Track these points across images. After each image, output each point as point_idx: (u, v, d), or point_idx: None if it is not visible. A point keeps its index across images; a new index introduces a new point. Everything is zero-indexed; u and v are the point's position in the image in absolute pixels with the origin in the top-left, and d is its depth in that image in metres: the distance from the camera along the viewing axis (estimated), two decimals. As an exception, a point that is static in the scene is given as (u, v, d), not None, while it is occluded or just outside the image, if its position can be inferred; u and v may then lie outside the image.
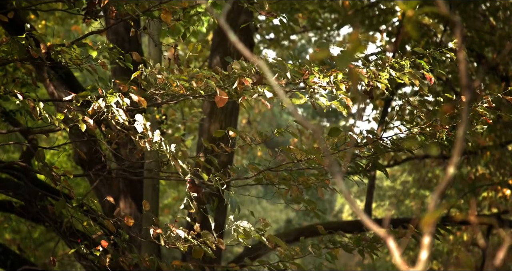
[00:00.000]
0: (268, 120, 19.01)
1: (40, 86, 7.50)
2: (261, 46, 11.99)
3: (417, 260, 1.36)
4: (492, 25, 9.68)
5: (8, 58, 4.17)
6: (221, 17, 7.06)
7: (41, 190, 5.31)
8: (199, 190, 4.00)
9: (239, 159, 13.98)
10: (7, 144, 4.64)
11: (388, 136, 4.44)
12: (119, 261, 4.35)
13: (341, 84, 4.11)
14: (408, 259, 11.41)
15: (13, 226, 10.50)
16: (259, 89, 4.08)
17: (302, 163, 4.43)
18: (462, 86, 1.33)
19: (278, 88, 1.41)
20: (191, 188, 3.99)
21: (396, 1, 9.61)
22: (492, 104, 4.23)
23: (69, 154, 9.87)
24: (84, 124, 3.86)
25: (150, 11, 4.27)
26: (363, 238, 4.50)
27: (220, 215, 7.84)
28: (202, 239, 4.05)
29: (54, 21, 10.78)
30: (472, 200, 10.90)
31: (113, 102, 3.85)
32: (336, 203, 23.32)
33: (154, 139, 3.82)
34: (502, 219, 9.84)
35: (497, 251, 1.41)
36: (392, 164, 11.46)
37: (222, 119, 8.30)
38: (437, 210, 1.32)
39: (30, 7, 5.03)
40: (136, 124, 3.82)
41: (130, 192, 7.38)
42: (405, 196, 15.55)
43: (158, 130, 3.88)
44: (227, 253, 17.94)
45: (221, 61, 8.23)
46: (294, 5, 10.14)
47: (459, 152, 1.35)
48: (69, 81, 6.90)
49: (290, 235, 9.42)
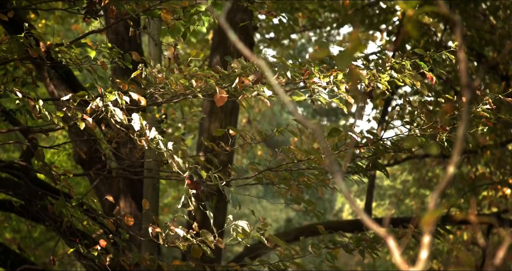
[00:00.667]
0: (268, 119, 19.01)
1: (40, 86, 7.51)
2: (261, 46, 11.99)
3: (417, 259, 1.36)
4: (492, 24, 9.67)
5: (8, 58, 4.17)
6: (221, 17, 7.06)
7: (41, 189, 5.31)
8: (198, 186, 3.99)
9: (239, 158, 13.98)
10: (7, 143, 4.64)
11: (388, 137, 4.44)
12: (120, 260, 4.35)
13: (341, 84, 4.11)
14: (408, 258, 11.41)
15: (13, 225, 10.50)
16: (259, 88, 4.08)
17: (302, 163, 4.43)
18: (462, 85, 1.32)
19: (277, 87, 1.41)
20: (190, 185, 3.98)
21: (396, 0, 9.61)
22: (493, 106, 4.22)
23: (69, 153, 9.88)
24: (83, 122, 3.86)
25: (150, 11, 4.27)
26: (363, 238, 4.50)
27: (219, 214, 7.84)
28: (200, 238, 4.05)
29: (54, 21, 10.78)
30: (472, 199, 10.90)
31: (110, 101, 3.85)
32: (336, 202, 23.32)
33: (151, 136, 3.81)
34: (502, 218, 9.84)
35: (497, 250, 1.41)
36: (392, 163, 11.46)
37: (222, 119, 8.30)
38: (437, 209, 1.32)
39: (30, 6, 5.02)
40: (133, 123, 3.82)
41: (130, 191, 7.38)
42: (405, 195, 15.55)
43: (154, 128, 3.88)
44: (227, 253, 17.94)
45: (221, 60, 8.23)
46: (294, 4, 10.14)
47: (459, 151, 1.35)
48: (69, 81, 6.90)
49: (290, 235, 9.43)
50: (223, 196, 4.22)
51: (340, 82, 4.11)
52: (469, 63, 9.85)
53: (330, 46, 5.33)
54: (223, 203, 8.03)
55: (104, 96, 3.87)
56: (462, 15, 9.30)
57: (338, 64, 3.90)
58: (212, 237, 4.06)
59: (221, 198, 7.40)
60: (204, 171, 4.03)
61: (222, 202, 7.90)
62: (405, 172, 15.43)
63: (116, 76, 6.63)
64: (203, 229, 4.08)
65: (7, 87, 4.32)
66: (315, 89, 4.12)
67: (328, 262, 4.44)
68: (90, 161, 6.98)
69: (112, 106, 3.83)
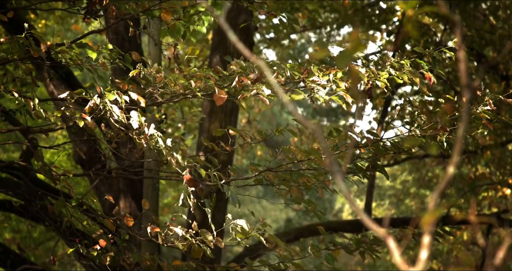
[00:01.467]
0: (268, 119, 19.02)
1: (40, 86, 7.51)
2: (261, 46, 11.99)
3: (417, 259, 1.36)
4: (492, 24, 9.67)
5: (9, 58, 4.17)
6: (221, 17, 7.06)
7: (41, 189, 5.30)
8: (197, 184, 3.98)
9: (239, 158, 13.98)
10: (7, 143, 4.64)
11: (388, 137, 4.43)
12: (120, 260, 4.35)
13: (341, 82, 4.10)
14: (408, 258, 11.41)
15: (13, 226, 10.50)
16: (258, 86, 4.08)
17: (302, 164, 4.43)
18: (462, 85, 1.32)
19: (277, 86, 1.41)
20: (189, 182, 3.97)
21: (396, 0, 9.61)
22: (494, 107, 4.22)
23: (69, 153, 9.87)
24: (82, 121, 3.85)
25: (150, 11, 4.27)
26: (363, 240, 4.50)
27: (219, 214, 7.84)
28: (200, 238, 4.05)
29: (54, 21, 10.78)
30: (472, 199, 10.90)
31: (108, 100, 3.84)
32: (336, 202, 23.32)
33: (149, 132, 3.81)
34: (502, 218, 9.84)
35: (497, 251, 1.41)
36: (392, 163, 11.46)
37: (222, 119, 8.30)
38: (437, 209, 1.32)
39: (30, 6, 5.02)
40: (132, 121, 3.82)
41: (130, 191, 7.38)
42: (405, 195, 15.55)
43: (153, 124, 3.87)
44: (227, 253, 17.94)
45: (221, 60, 8.23)
46: (294, 4, 10.14)
47: (459, 151, 1.35)
48: (69, 81, 6.90)
49: (290, 235, 9.43)
50: (223, 195, 4.22)
51: (340, 80, 4.10)
52: (469, 63, 9.85)
53: (329, 47, 5.33)
54: (223, 203, 8.03)
55: (103, 95, 3.86)
56: (462, 15, 9.30)
57: (338, 64, 3.90)
58: (211, 236, 4.05)
59: (221, 197, 7.39)
60: (204, 171, 4.02)
61: (222, 201, 7.90)
62: (405, 172, 15.43)
63: (116, 76, 6.63)
64: (202, 229, 4.08)
65: (6, 87, 4.32)
66: (314, 88, 4.11)
67: (328, 264, 4.44)
68: (90, 161, 6.98)
69: (109, 104, 3.83)
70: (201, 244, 4.04)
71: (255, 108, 14.14)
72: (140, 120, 3.81)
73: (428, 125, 4.31)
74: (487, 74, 10.05)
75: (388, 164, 11.14)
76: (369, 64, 4.26)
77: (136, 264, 4.41)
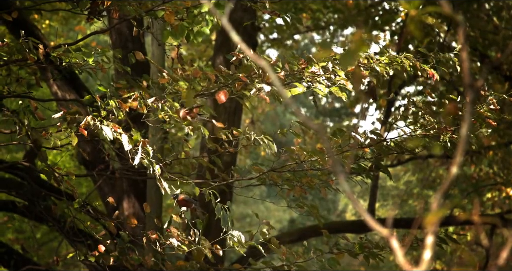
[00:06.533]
0: (271, 120, 19.01)
1: (43, 86, 7.51)
2: (264, 46, 11.98)
3: (420, 259, 1.35)
4: (495, 25, 9.66)
5: (12, 58, 4.17)
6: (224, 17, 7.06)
7: (44, 190, 5.31)
8: (189, 204, 4.04)
9: (242, 159, 13.98)
10: (10, 143, 4.64)
11: (391, 138, 4.42)
12: (123, 260, 4.35)
13: (340, 71, 4.10)
14: (412, 258, 11.40)
15: (16, 226, 10.51)
16: (256, 85, 4.08)
17: (305, 164, 4.43)
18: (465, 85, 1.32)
19: (278, 84, 1.41)
20: (180, 203, 4.03)
21: (400, 1, 9.60)
22: (497, 106, 4.21)
23: (72, 154, 9.88)
24: (76, 138, 3.88)
25: (153, 11, 4.27)
26: (366, 245, 4.49)
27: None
28: (198, 247, 4.07)
29: (58, 21, 10.79)
30: (475, 199, 10.89)
31: (98, 122, 3.85)
32: (340, 202, 23.30)
33: (135, 161, 3.83)
34: (506, 219, 9.83)
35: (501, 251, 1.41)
36: (396, 164, 11.45)
37: (225, 119, 8.30)
38: (440, 209, 1.32)
39: (34, 6, 5.03)
40: (123, 143, 3.83)
41: (133, 191, 7.38)
42: (408, 195, 15.53)
43: (140, 150, 3.88)
44: (231, 253, 17.94)
45: (224, 60, 8.23)
46: (298, 4, 10.14)
47: (463, 152, 1.35)
48: (73, 81, 6.91)
49: (293, 235, 9.43)
50: (226, 196, 4.22)
51: (339, 69, 4.10)
52: (472, 63, 9.84)
53: (332, 47, 5.33)
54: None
55: (101, 107, 3.88)
56: (466, 15, 9.29)
57: (341, 64, 3.89)
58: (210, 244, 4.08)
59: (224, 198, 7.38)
60: (208, 172, 4.03)
61: (224, 203, 7.88)
62: (409, 173, 15.42)
63: (119, 76, 6.64)
64: (202, 237, 4.11)
65: (10, 88, 4.32)
66: (313, 80, 4.12)
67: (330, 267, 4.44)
68: (93, 162, 6.98)
69: (100, 125, 3.84)
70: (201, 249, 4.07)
71: (259, 109, 14.14)
72: (131, 143, 3.82)
73: (432, 125, 4.30)
74: (490, 75, 10.04)
75: (392, 164, 11.13)
76: (370, 56, 4.25)
77: (140, 265, 4.40)
